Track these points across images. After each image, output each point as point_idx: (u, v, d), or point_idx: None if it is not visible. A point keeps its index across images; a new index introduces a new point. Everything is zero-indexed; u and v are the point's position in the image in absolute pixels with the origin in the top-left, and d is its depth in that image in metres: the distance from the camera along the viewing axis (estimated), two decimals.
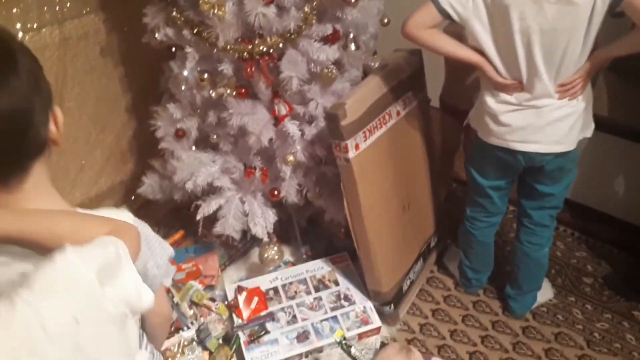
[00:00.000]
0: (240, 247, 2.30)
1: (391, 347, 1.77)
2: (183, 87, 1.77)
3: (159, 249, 0.98)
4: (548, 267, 2.01)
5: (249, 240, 2.26)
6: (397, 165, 1.91)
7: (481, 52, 1.54)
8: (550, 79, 1.50)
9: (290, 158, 1.77)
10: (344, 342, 1.71)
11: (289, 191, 1.93)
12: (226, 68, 1.67)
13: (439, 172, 2.23)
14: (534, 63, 1.46)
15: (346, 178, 1.72)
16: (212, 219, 2.00)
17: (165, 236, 2.35)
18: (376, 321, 1.97)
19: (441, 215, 2.28)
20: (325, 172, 1.94)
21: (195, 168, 1.88)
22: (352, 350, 1.70)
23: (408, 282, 2.10)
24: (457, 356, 1.94)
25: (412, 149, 2.02)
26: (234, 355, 1.91)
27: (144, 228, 0.95)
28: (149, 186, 2.10)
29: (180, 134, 1.90)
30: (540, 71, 1.48)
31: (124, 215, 0.91)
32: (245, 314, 1.97)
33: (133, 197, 2.47)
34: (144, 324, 1.05)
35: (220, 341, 1.95)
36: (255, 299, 2.00)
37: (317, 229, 2.35)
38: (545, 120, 1.55)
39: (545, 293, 2.11)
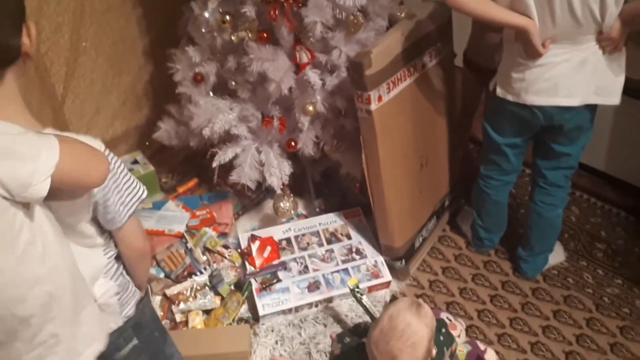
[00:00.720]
0: (254, 198, 2.30)
1: (401, 301, 1.76)
2: (203, 30, 1.73)
3: (126, 187, 1.03)
4: (561, 230, 2.01)
5: (263, 190, 2.26)
6: (417, 121, 1.87)
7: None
8: (584, 31, 1.45)
9: (310, 108, 1.74)
10: (357, 290, 1.72)
11: (306, 143, 1.91)
12: (249, 10, 1.62)
13: (457, 131, 2.19)
14: (569, 16, 1.42)
15: (366, 131, 1.70)
16: (227, 167, 1.99)
17: (179, 183, 2.37)
18: (387, 275, 1.99)
19: (457, 175, 2.25)
20: (344, 125, 1.91)
21: (213, 114, 1.85)
22: (364, 298, 1.72)
23: (420, 239, 2.10)
24: (465, 313, 1.96)
25: (434, 105, 1.98)
26: (246, 301, 1.94)
27: (115, 164, 1.00)
28: (165, 131, 2.08)
29: (198, 79, 1.87)
30: (573, 23, 1.43)
31: (95, 143, 0.95)
32: (258, 262, 1.99)
33: (148, 143, 2.46)
34: (124, 260, 1.10)
35: (232, 287, 1.98)
36: (268, 248, 2.02)
37: (330, 183, 2.34)
38: (566, 75, 1.53)
39: (557, 256, 2.11)
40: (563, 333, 1.90)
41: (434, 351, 1.43)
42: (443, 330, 1.51)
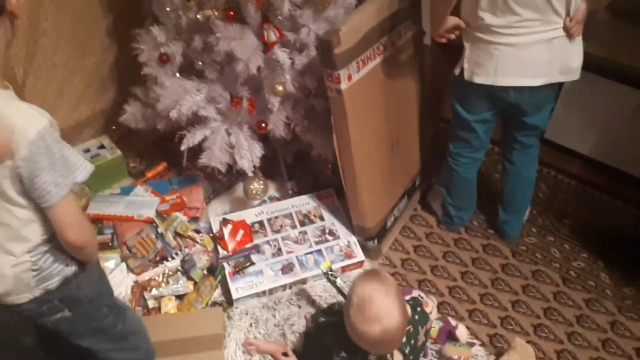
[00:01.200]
0: (225, 181, 2.28)
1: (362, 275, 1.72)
2: (168, 8, 1.69)
3: (62, 168, 1.01)
4: (530, 207, 2.05)
5: (234, 174, 2.23)
6: (388, 100, 1.87)
7: None
8: (553, 11, 1.48)
9: (279, 88, 1.72)
10: (330, 272, 1.73)
11: (277, 124, 1.89)
12: None
13: (428, 110, 2.20)
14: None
15: (337, 110, 1.68)
16: (197, 150, 1.96)
17: (148, 167, 2.32)
18: (359, 255, 2.00)
19: (428, 154, 2.27)
20: (314, 105, 1.90)
21: (180, 96, 1.81)
22: (338, 281, 1.72)
23: (392, 219, 2.11)
24: (437, 290, 1.99)
25: (405, 84, 1.98)
26: (219, 285, 1.93)
27: (53, 143, 0.99)
28: (131, 114, 2.03)
29: (164, 59, 1.82)
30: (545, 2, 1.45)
31: (41, 117, 1.00)
32: (231, 245, 1.97)
33: (114, 127, 2.40)
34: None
35: (205, 272, 1.96)
36: (241, 231, 2.00)
37: (303, 165, 2.33)
38: (534, 54, 1.57)
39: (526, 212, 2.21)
40: (532, 307, 1.94)
41: (410, 329, 1.45)
42: (418, 309, 1.53)
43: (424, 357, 1.71)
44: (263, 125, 1.87)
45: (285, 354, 1.69)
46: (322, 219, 2.10)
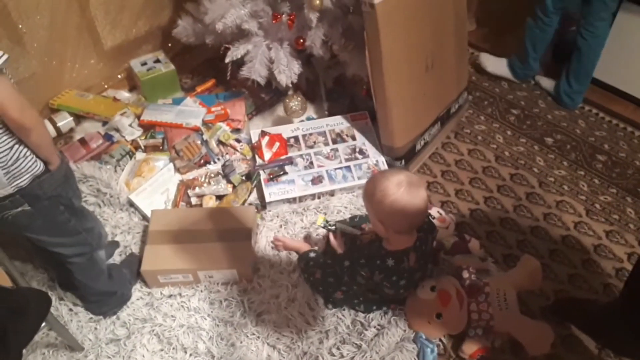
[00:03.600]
0: (267, 99, 2.42)
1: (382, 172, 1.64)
2: None
3: None
4: (565, 142, 2.09)
5: (276, 93, 2.37)
6: (424, 20, 1.91)
7: None
8: None
9: (317, 2, 1.80)
10: (328, 225, 1.73)
11: (314, 41, 1.99)
12: None
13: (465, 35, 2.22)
14: None
15: (369, 26, 1.76)
16: (241, 66, 2.09)
17: (198, 83, 2.50)
18: None
19: (465, 82, 2.30)
20: (352, 24, 1.97)
21: (226, 9, 1.94)
22: (338, 225, 1.76)
23: (422, 142, 2.19)
24: (458, 211, 2.08)
25: (442, 5, 2.00)
26: (254, 189, 2.11)
27: None
28: (183, 28, 2.18)
29: None
30: None
31: None
32: (267, 155, 2.13)
33: (170, 44, 2.58)
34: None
35: (243, 177, 2.14)
36: (277, 143, 2.15)
37: (341, 89, 2.43)
38: None
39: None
40: (551, 234, 2.00)
41: (421, 236, 1.56)
42: (426, 219, 1.61)
43: (435, 265, 1.84)
44: (301, 41, 1.97)
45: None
46: (354, 138, 2.21)
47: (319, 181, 2.08)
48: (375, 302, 1.72)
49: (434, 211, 1.95)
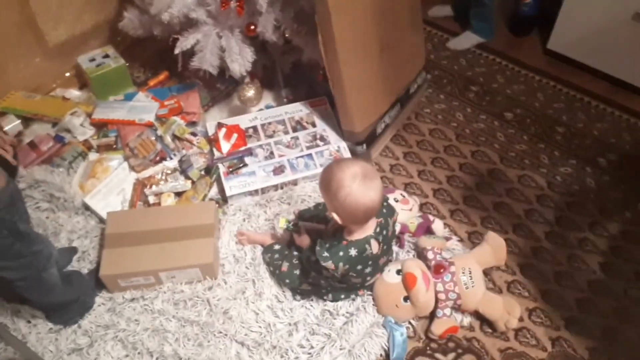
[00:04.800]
0: (223, 89, 2.35)
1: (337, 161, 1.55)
2: None
3: None
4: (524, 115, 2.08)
5: (232, 82, 2.30)
6: (375, 1, 1.87)
7: None
8: None
9: None
10: (290, 227, 1.70)
11: (266, 27, 1.93)
12: None
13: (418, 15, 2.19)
14: None
15: (320, 8, 1.71)
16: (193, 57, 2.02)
17: (150, 77, 2.41)
18: None
19: (422, 62, 2.28)
20: (303, 7, 1.92)
21: None
22: (300, 223, 1.73)
23: (382, 125, 2.17)
24: (422, 192, 2.07)
25: None
26: (214, 183, 2.05)
27: None
28: (129, 20, 2.09)
29: None
30: None
31: None
32: (225, 148, 2.07)
33: (119, 38, 2.48)
34: None
35: (202, 172, 2.08)
36: (235, 135, 2.10)
37: (299, 74, 2.38)
38: None
39: None
40: (513, 208, 2.01)
41: (381, 221, 1.54)
42: (384, 203, 1.60)
43: (401, 247, 1.83)
44: (252, 27, 1.91)
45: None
46: (314, 125, 2.17)
47: (281, 171, 2.04)
48: (343, 290, 1.69)
49: (397, 194, 1.93)
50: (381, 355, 1.62)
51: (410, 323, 1.69)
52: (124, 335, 1.67)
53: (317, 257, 1.51)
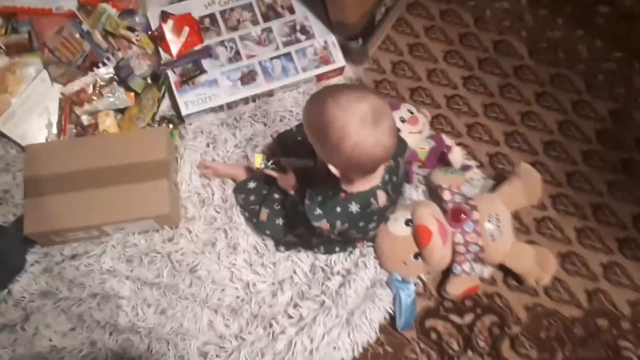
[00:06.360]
0: None
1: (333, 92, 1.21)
2: None
3: None
4: None
5: None
6: None
7: None
8: None
9: None
10: (268, 165, 1.30)
11: None
12: None
13: None
14: None
15: None
16: None
17: None
18: (339, 59, 1.60)
19: None
20: None
21: None
22: (282, 160, 1.33)
23: (382, 10, 1.66)
24: (432, 101, 1.64)
25: None
26: (165, 98, 1.59)
27: None
28: None
29: None
30: None
31: None
32: (174, 48, 1.56)
33: None
34: None
35: (149, 80, 1.60)
36: (186, 29, 1.57)
37: None
38: None
39: None
40: (545, 120, 1.62)
41: (390, 163, 1.15)
42: None
43: (408, 182, 1.46)
44: None
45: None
46: (292, 11, 1.64)
47: (251, 79, 1.56)
48: (338, 243, 1.36)
49: (404, 110, 1.50)
50: (385, 319, 1.34)
51: (419, 277, 1.39)
52: (66, 304, 1.35)
53: (307, 215, 1.14)
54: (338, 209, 1.12)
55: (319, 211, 1.13)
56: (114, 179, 1.36)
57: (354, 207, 1.12)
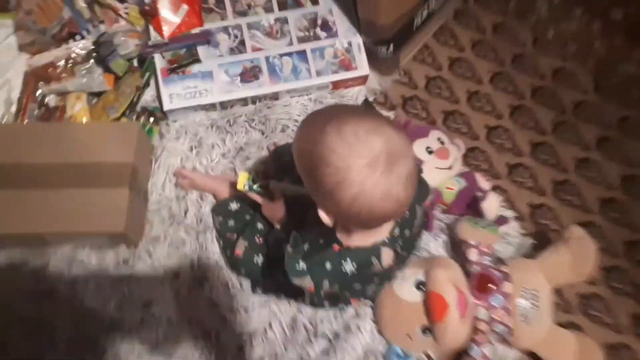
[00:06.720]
0: None
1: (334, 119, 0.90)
2: None
3: None
4: None
5: None
6: None
7: None
8: None
9: None
10: (253, 188, 1.01)
11: None
12: None
13: None
14: None
15: None
16: None
17: None
18: (363, 66, 1.32)
19: None
20: None
21: None
22: (271, 184, 1.03)
23: (424, 14, 1.36)
24: (469, 130, 1.35)
25: None
26: (149, 86, 1.32)
27: None
28: None
29: None
30: None
31: None
32: (167, 28, 1.30)
33: None
34: None
35: (135, 63, 1.34)
36: (185, 7, 1.30)
37: None
38: None
39: None
40: (605, 171, 1.31)
41: (404, 215, 0.87)
42: None
43: (427, 230, 1.17)
44: None
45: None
46: (314, 1, 1.36)
47: (254, 76, 1.29)
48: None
49: (433, 139, 1.21)
50: None
51: (426, 354, 1.10)
52: None
53: (286, 268, 0.87)
54: (328, 266, 0.85)
55: (302, 265, 0.85)
56: (67, 180, 1.10)
57: (349, 267, 0.84)
